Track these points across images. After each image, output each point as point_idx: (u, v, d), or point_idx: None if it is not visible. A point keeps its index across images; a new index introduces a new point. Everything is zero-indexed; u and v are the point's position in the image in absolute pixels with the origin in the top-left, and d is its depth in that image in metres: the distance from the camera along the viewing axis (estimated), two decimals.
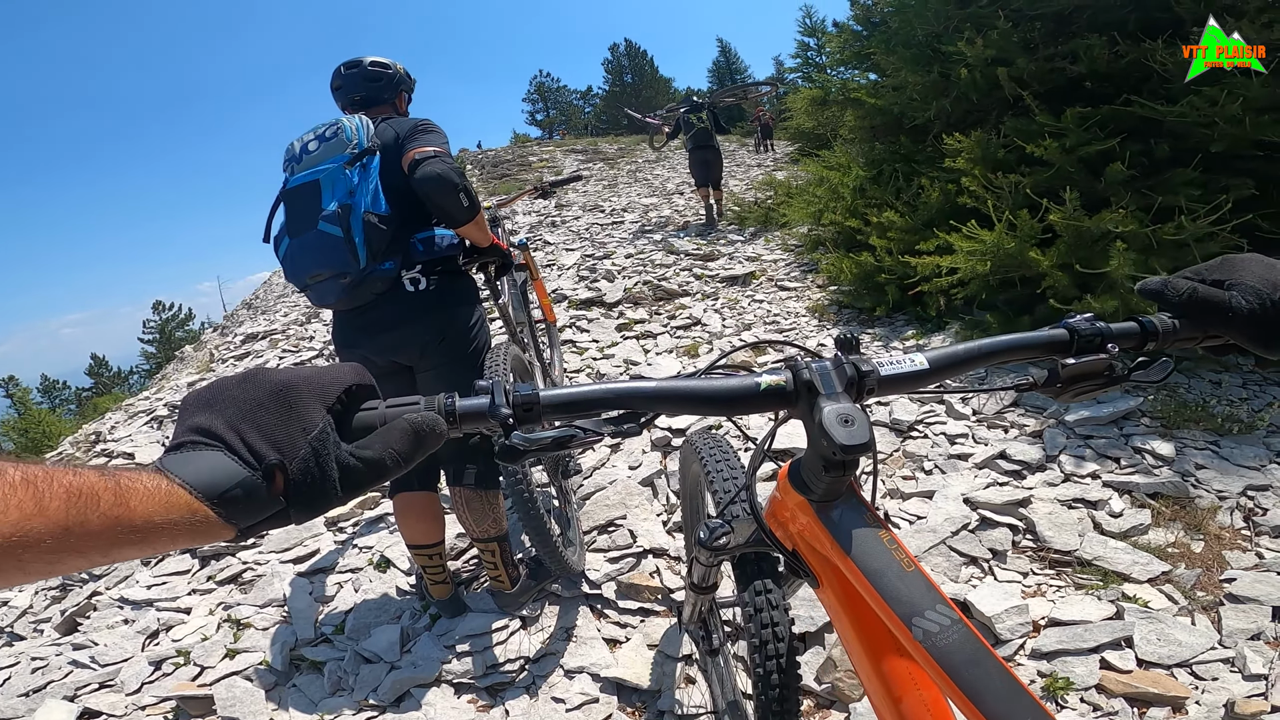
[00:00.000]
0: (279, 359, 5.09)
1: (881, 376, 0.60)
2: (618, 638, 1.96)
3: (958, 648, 0.50)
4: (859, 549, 0.58)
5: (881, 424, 2.83)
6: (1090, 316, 0.63)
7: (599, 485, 2.63)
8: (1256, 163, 2.95)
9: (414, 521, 2.01)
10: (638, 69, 48.83)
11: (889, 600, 0.54)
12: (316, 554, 2.54)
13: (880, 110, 4.59)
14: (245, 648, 2.10)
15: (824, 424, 0.54)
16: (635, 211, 8.53)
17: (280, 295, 9.05)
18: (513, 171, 15.55)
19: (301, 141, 1.81)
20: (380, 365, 1.90)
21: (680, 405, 0.60)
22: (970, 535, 2.15)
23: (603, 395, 0.58)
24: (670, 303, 4.86)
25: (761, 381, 0.60)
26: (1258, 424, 2.57)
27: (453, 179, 1.71)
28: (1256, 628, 1.74)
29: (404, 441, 0.47)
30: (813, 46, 8.43)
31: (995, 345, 0.64)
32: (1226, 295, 0.60)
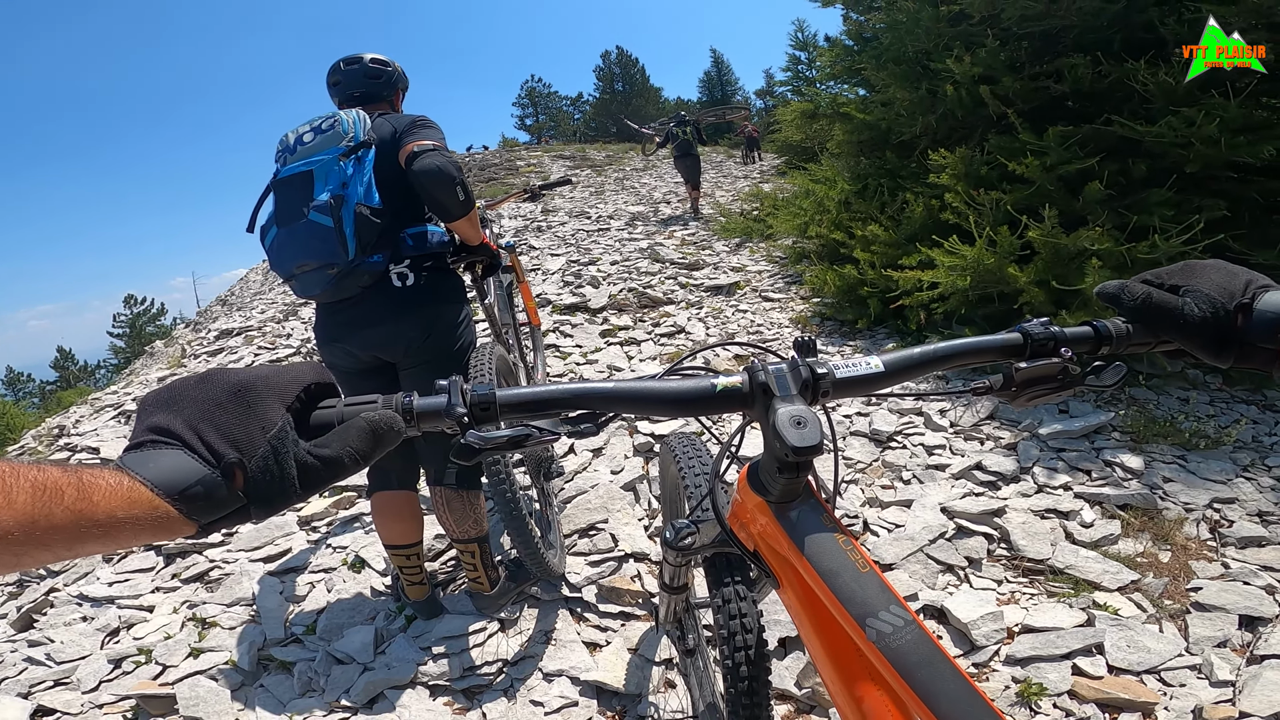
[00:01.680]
0: (254, 356, 5.01)
1: (837, 379, 0.60)
2: (598, 641, 1.95)
3: (911, 649, 0.50)
4: (815, 550, 0.58)
5: (862, 434, 2.85)
6: (1044, 321, 0.64)
7: (580, 489, 2.61)
8: (1229, 183, 3.04)
9: (392, 521, 1.98)
10: (628, 77, 49.11)
11: (844, 601, 0.54)
12: (288, 553, 2.50)
13: (868, 125, 4.66)
14: (210, 647, 2.05)
15: (777, 425, 0.54)
16: (622, 219, 8.55)
17: (257, 292, 8.92)
18: (500, 175, 15.54)
19: (296, 133, 1.80)
20: (363, 361, 1.88)
21: (637, 405, 0.60)
22: (947, 543, 2.17)
23: (560, 395, 0.59)
24: (655, 310, 4.87)
25: (718, 383, 0.60)
26: (1224, 440, 2.64)
27: (450, 172, 1.71)
28: (1223, 635, 1.78)
29: (362, 440, 0.47)
30: (803, 60, 8.56)
31: (950, 349, 0.64)
32: (1180, 302, 0.60)
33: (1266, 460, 2.54)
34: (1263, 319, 0.56)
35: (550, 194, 11.13)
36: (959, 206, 3.51)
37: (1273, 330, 0.55)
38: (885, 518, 2.34)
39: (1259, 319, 0.56)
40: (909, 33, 4.10)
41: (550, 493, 2.43)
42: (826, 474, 2.55)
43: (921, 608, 1.94)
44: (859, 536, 2.28)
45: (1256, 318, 0.56)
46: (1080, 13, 3.29)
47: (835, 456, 0.76)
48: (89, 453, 3.48)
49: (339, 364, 1.92)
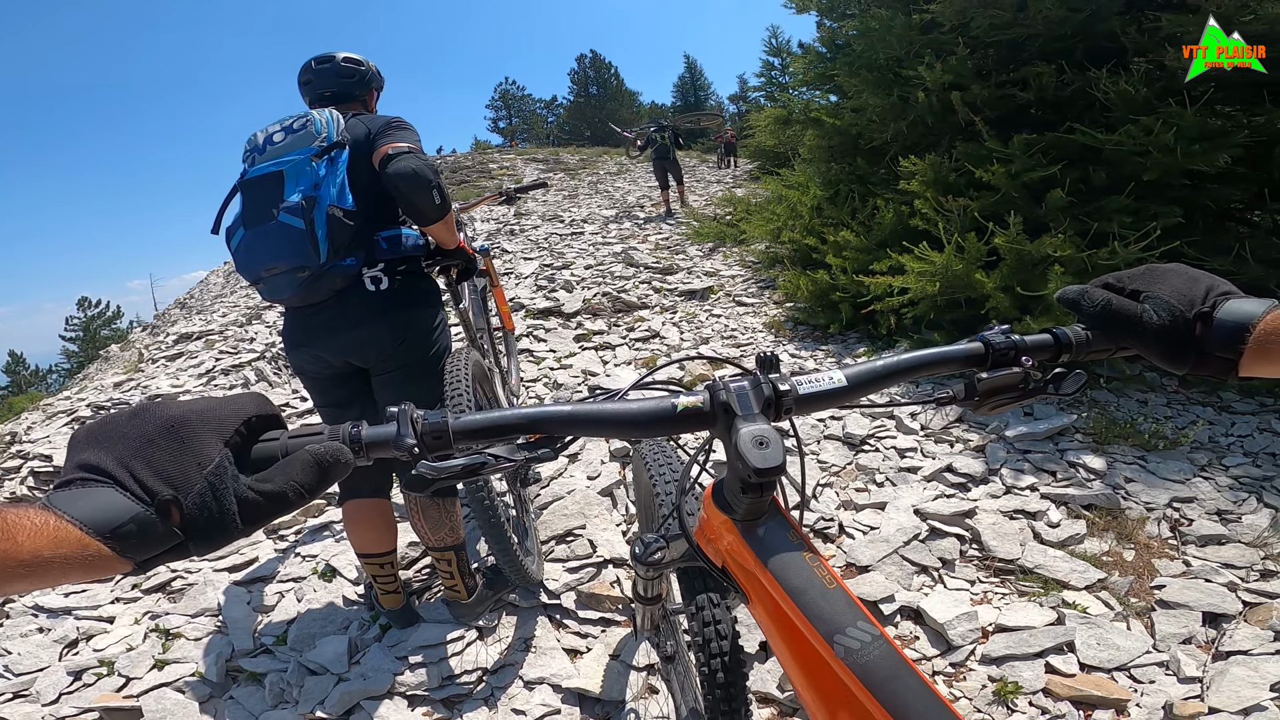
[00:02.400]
0: (215, 360, 4.86)
1: (800, 395, 0.60)
2: (578, 648, 1.93)
3: (879, 664, 0.50)
4: (781, 568, 0.58)
5: (835, 438, 2.88)
6: (1005, 329, 0.64)
7: (557, 495, 2.59)
8: (1185, 191, 3.16)
9: (365, 529, 1.94)
10: (603, 81, 49.19)
11: (811, 618, 0.54)
12: (254, 562, 2.44)
13: (840, 131, 4.72)
14: (175, 658, 1.99)
15: (739, 446, 0.54)
16: (595, 223, 8.53)
17: (218, 295, 8.69)
18: (472, 178, 15.41)
19: (266, 132, 1.75)
20: (335, 366, 1.84)
21: (596, 428, 0.59)
22: (921, 545, 2.20)
23: (516, 420, 0.57)
24: (629, 315, 4.86)
25: (678, 403, 0.60)
26: (1182, 441, 2.73)
27: (426, 175, 1.68)
28: (1188, 632, 1.83)
29: (306, 473, 0.46)
30: (777, 66, 8.68)
31: (913, 361, 0.65)
32: (1139, 309, 0.60)
33: (1223, 460, 2.63)
34: (1222, 328, 0.56)
35: (523, 197, 11.08)
36: (928, 213, 3.58)
37: (1231, 340, 0.55)
38: (860, 520, 2.36)
39: (1218, 328, 0.56)
40: (881, 40, 4.17)
41: (527, 499, 2.40)
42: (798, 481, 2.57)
43: (898, 609, 1.96)
44: (835, 539, 2.30)
45: (1216, 326, 0.56)
46: (1046, 22, 3.39)
47: (802, 470, 0.76)
48: (41, 460, 3.34)
49: (309, 369, 1.87)
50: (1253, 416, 2.96)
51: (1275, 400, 3.07)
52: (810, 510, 2.43)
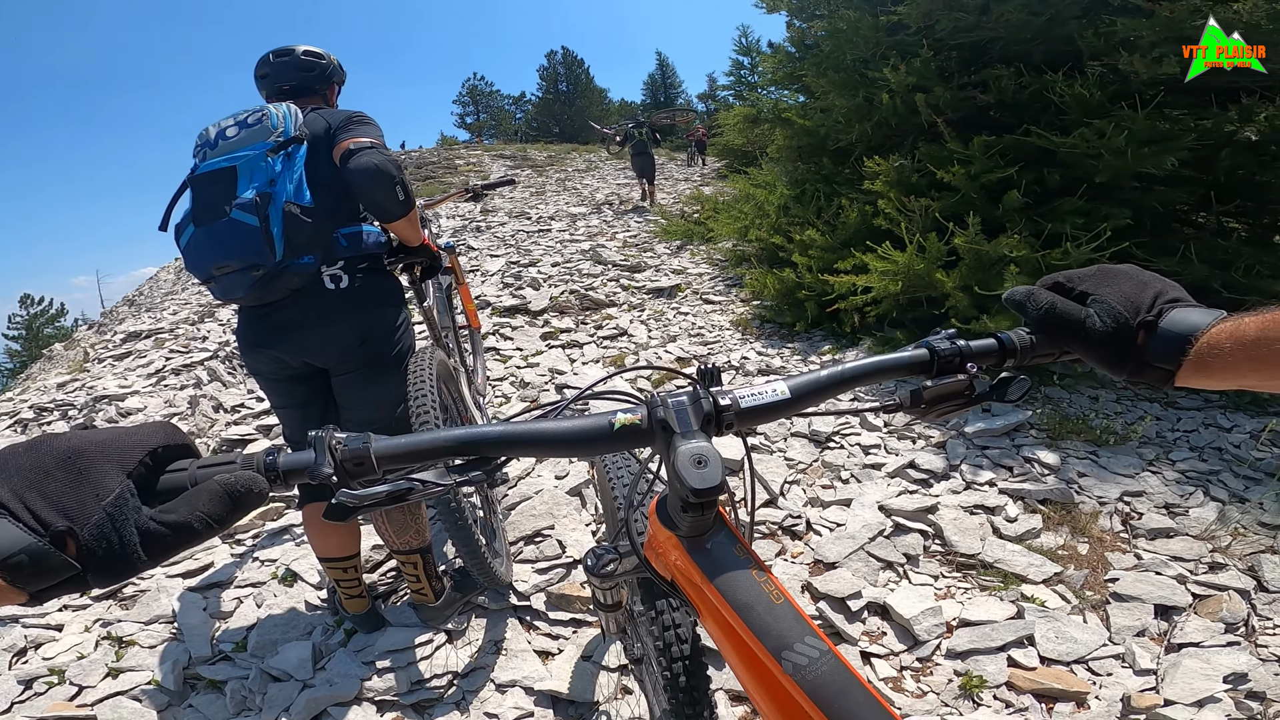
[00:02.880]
0: (165, 359, 4.68)
1: (741, 409, 0.59)
2: (550, 649, 1.92)
3: (827, 679, 0.50)
4: (728, 584, 0.57)
5: (801, 435, 2.90)
6: (951, 334, 0.64)
7: (525, 495, 2.56)
8: (1135, 193, 3.26)
9: (326, 533, 1.89)
10: (573, 78, 48.88)
11: (758, 634, 0.53)
12: (210, 568, 2.36)
13: (807, 131, 4.76)
14: (130, 666, 1.92)
15: (677, 466, 0.53)
16: (563, 220, 8.46)
17: (168, 292, 8.38)
18: (437, 174, 15.15)
19: (219, 127, 1.69)
20: (293, 367, 1.79)
21: (530, 449, 0.58)
22: (885, 541, 2.23)
23: (445, 443, 0.56)
24: (597, 313, 4.83)
25: (615, 421, 0.58)
26: (1131, 436, 2.83)
27: (390, 170, 1.64)
28: (1141, 624, 1.89)
29: (214, 504, 0.45)
30: (746, 65, 8.72)
31: (858, 369, 0.64)
32: (1084, 314, 0.59)
33: (1170, 455, 2.73)
34: (1164, 339, 0.55)
35: (490, 194, 10.92)
36: (891, 213, 3.63)
37: (1171, 353, 0.54)
38: (827, 517, 2.39)
39: (1160, 338, 0.55)
40: (849, 41, 4.22)
41: (494, 500, 2.36)
42: (766, 484, 2.57)
43: (866, 605, 1.98)
44: (803, 536, 2.32)
45: (1159, 336, 0.55)
46: (1007, 25, 3.46)
47: (751, 485, 0.75)
48: None
49: (264, 370, 1.81)
50: (1198, 412, 3.08)
51: (1220, 397, 3.21)
52: (778, 508, 2.44)
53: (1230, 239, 3.49)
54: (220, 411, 3.74)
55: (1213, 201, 3.38)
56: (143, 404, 3.93)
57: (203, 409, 3.72)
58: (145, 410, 3.85)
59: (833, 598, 1.99)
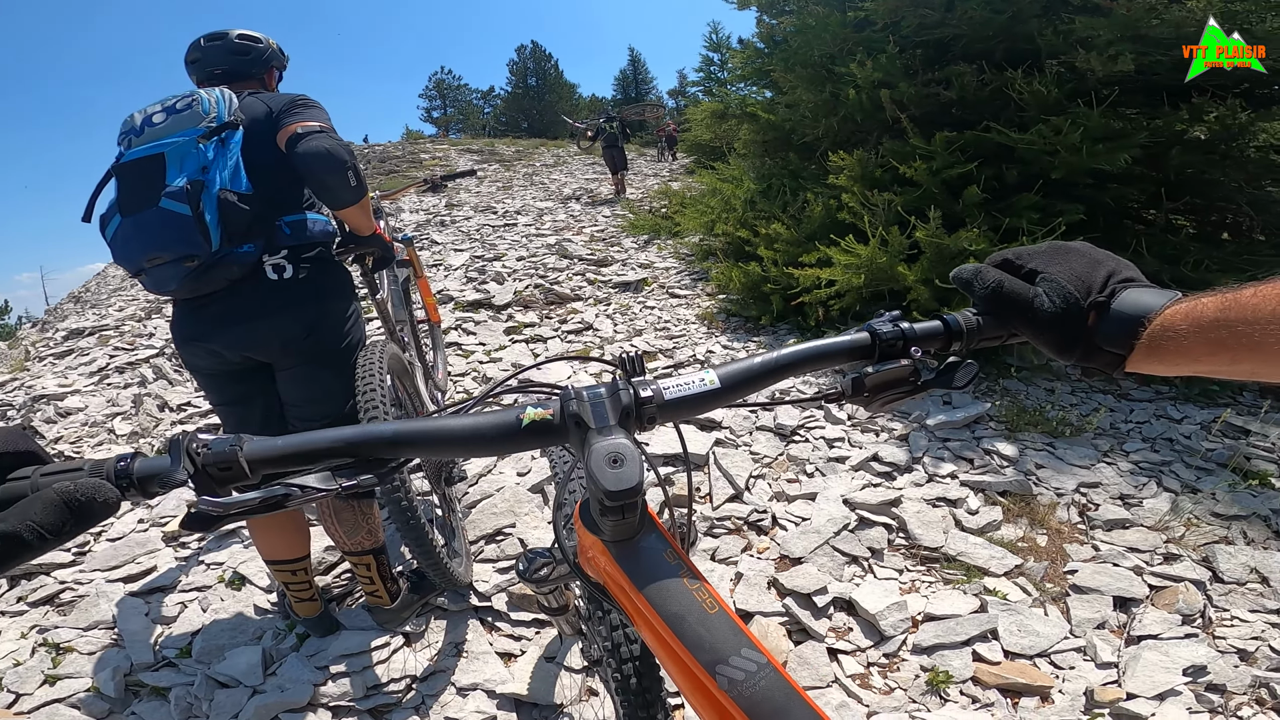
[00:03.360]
0: (109, 357, 4.47)
1: (665, 401, 0.55)
2: (512, 651, 1.87)
3: (765, 696, 0.46)
4: (657, 592, 0.53)
5: (767, 429, 2.89)
6: (895, 316, 0.60)
7: (486, 492, 2.51)
8: (1088, 190, 3.33)
9: (273, 535, 1.82)
10: (542, 72, 48.42)
11: (691, 648, 0.49)
12: (152, 571, 2.27)
13: (774, 126, 4.78)
14: (68, 673, 1.85)
15: (591, 466, 0.49)
16: (529, 215, 8.36)
17: (116, 289, 8.04)
18: (402, 168, 14.86)
19: (145, 113, 1.60)
20: (231, 362, 1.70)
21: (428, 448, 0.53)
22: (851, 535, 2.23)
23: (328, 444, 0.51)
24: (562, 307, 4.77)
25: (525, 416, 0.53)
26: (1086, 427, 2.88)
27: (341, 155, 1.58)
28: (1101, 617, 1.90)
29: (49, 513, 0.42)
30: (716, 61, 8.71)
31: (794, 356, 0.60)
32: (1032, 293, 0.56)
33: (1124, 446, 2.79)
34: (1115, 322, 0.52)
35: (455, 187, 10.77)
36: (855, 207, 3.65)
37: (1123, 335, 0.51)
38: (792, 511, 2.37)
39: (1111, 320, 0.52)
40: (817, 37, 4.24)
41: (453, 498, 2.30)
42: (736, 476, 2.55)
43: (832, 600, 1.97)
44: (769, 531, 2.30)
45: (1110, 317, 0.52)
46: (971, 23, 3.51)
47: (689, 479, 0.70)
48: None
49: (202, 366, 1.72)
50: (1149, 404, 3.16)
51: (1170, 388, 3.29)
52: (744, 503, 2.42)
53: (1179, 235, 3.60)
54: (166, 410, 3.58)
55: (1163, 198, 3.47)
56: (83, 403, 3.75)
57: (147, 408, 3.56)
58: (86, 410, 3.67)
59: (799, 594, 1.98)
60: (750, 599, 1.97)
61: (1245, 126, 3.18)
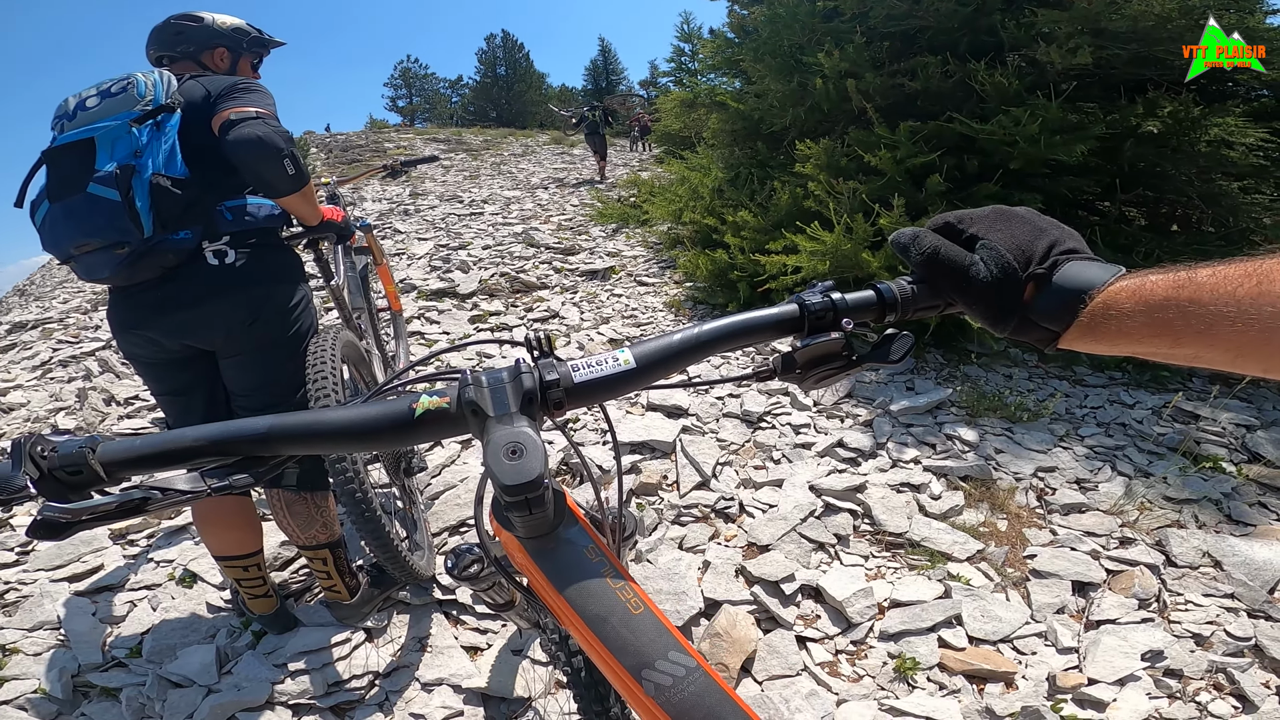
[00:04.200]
0: (53, 350, 4.27)
1: (574, 384, 0.51)
2: (478, 645, 1.83)
3: (694, 702, 0.43)
4: (577, 592, 0.49)
5: (733, 415, 2.89)
6: (826, 286, 0.57)
7: (449, 484, 2.47)
8: (1045, 180, 3.40)
9: (221, 530, 1.76)
10: (512, 61, 47.75)
11: (614, 651, 0.46)
12: (99, 570, 2.18)
13: (742, 115, 4.77)
14: (14, 675, 1.78)
15: (488, 458, 0.45)
16: (496, 204, 8.23)
17: (61, 281, 7.69)
18: (364, 157, 14.53)
19: (79, 97, 1.56)
20: (170, 350, 1.65)
21: (307, 443, 0.49)
22: (817, 521, 2.24)
23: (194, 443, 0.47)
24: (528, 295, 4.71)
25: (418, 405, 0.49)
26: (1043, 412, 2.94)
27: (275, 142, 1.51)
28: (1060, 601, 1.93)
29: None
30: (687, 52, 8.69)
31: (716, 332, 0.56)
32: (968, 260, 0.52)
33: (1079, 430, 2.86)
34: (1054, 296, 0.49)
35: (420, 177, 10.56)
36: (821, 195, 3.66)
37: (1060, 312, 0.48)
38: (759, 498, 2.37)
39: (1050, 295, 0.49)
40: (786, 26, 4.24)
41: (413, 489, 2.24)
42: (701, 464, 2.54)
43: (799, 587, 1.97)
44: (736, 518, 2.29)
45: (1049, 292, 0.49)
46: (937, 14, 3.54)
47: (618, 467, 0.65)
48: None
49: (140, 354, 1.66)
50: (1104, 389, 3.24)
51: (1123, 374, 3.39)
52: (711, 490, 2.41)
53: (1131, 225, 3.70)
54: (112, 405, 3.43)
55: (1117, 190, 3.56)
56: (26, 398, 3.57)
57: (92, 402, 3.40)
58: (29, 405, 3.50)
59: (767, 581, 1.98)
60: (719, 587, 1.96)
61: (1197, 121, 3.27)
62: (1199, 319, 0.41)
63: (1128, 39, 3.02)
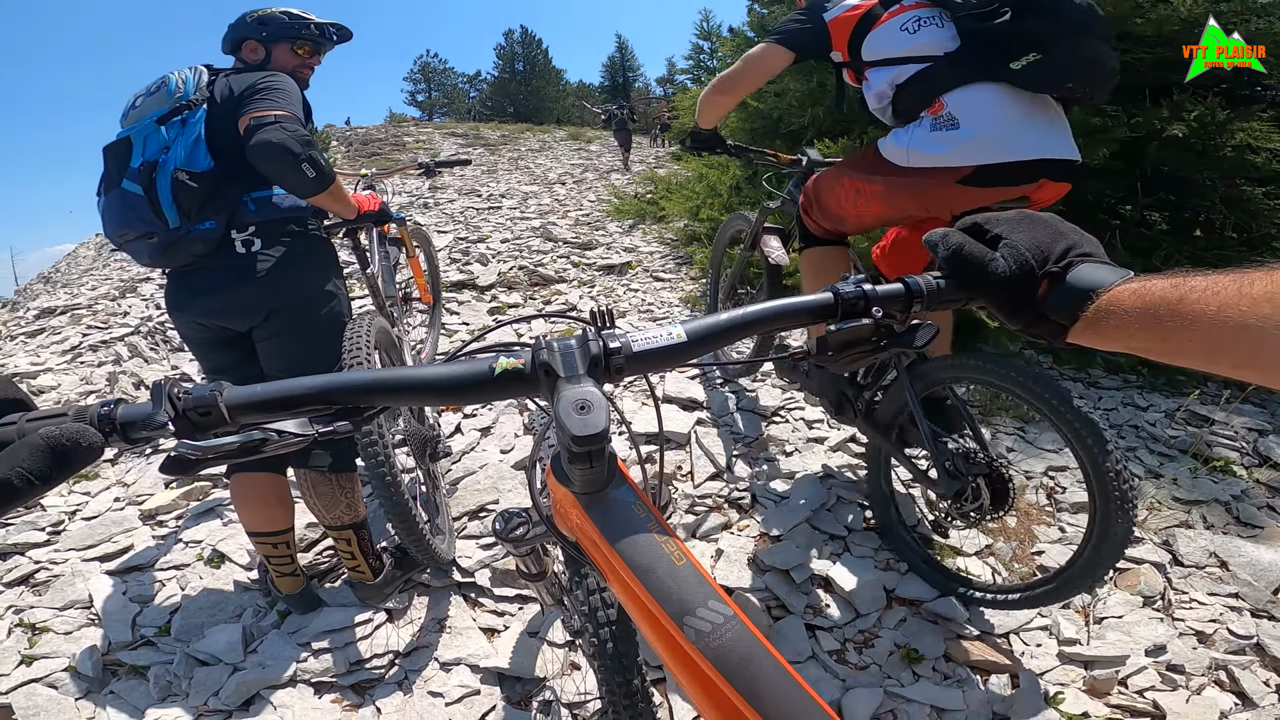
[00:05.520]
0: (82, 335, 4.40)
1: (633, 353, 0.56)
2: (495, 626, 1.88)
3: (731, 647, 0.47)
4: (627, 544, 0.54)
5: (748, 410, 2.93)
6: (859, 278, 0.62)
7: (469, 469, 2.53)
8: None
9: (255, 506, 1.84)
10: (530, 58, 47.85)
11: (659, 599, 0.50)
12: (129, 550, 2.25)
13: (761, 114, 4.78)
14: (45, 653, 1.84)
15: (559, 412, 0.50)
16: (514, 198, 8.30)
17: (88, 269, 7.87)
18: (384, 150, 14.67)
19: (136, 96, 1.71)
20: (212, 331, 1.76)
21: (401, 396, 0.55)
22: (828, 514, 2.27)
23: (304, 391, 0.52)
24: (546, 288, 4.77)
25: (497, 366, 0.55)
26: None
27: (291, 149, 1.55)
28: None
29: (36, 459, 0.42)
30: (706, 50, 8.70)
31: (759, 314, 0.61)
32: (988, 257, 0.57)
33: None
34: (1065, 294, 0.54)
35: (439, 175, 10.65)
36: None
37: (1070, 308, 0.53)
38: (772, 490, 2.41)
39: (1062, 292, 0.54)
40: None
41: (437, 474, 2.31)
42: (712, 453, 2.58)
43: (809, 577, 2.01)
44: (748, 509, 2.34)
45: (1062, 289, 0.54)
46: None
47: (659, 426, 0.72)
48: None
49: (188, 334, 1.80)
50: (1118, 391, 3.24)
51: (1138, 377, 3.38)
52: (724, 480, 2.45)
53: (1152, 230, 3.68)
54: (141, 389, 3.54)
55: (1138, 193, 3.54)
56: (56, 381, 3.68)
57: (122, 386, 3.51)
58: (59, 388, 3.61)
59: (778, 570, 2.02)
60: (731, 575, 2.01)
61: (1223, 125, 3.25)
62: (1183, 317, 0.44)
63: (1153, 43, 3.02)
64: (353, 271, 3.82)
